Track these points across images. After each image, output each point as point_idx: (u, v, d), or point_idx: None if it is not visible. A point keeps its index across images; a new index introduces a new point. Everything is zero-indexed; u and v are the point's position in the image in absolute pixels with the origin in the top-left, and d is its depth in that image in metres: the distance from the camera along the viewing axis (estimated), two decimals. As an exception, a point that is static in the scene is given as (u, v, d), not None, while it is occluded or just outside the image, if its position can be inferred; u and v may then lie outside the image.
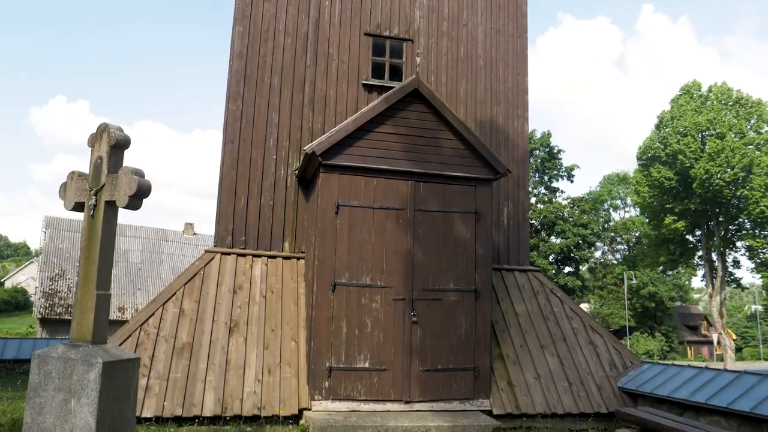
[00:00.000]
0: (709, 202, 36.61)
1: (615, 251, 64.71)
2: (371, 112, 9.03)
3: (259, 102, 10.57)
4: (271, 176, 10.43)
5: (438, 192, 9.11)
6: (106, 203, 5.08)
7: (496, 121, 11.71)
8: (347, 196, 8.76)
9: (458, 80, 11.66)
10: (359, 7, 11.40)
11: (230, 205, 10.19)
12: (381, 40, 11.39)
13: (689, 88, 39.12)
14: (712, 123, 35.91)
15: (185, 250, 42.65)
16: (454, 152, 9.26)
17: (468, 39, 11.91)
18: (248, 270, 9.80)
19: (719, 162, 33.92)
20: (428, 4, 11.80)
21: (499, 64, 12.00)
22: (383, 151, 8.95)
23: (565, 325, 10.44)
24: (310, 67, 10.92)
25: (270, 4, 10.94)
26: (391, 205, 8.88)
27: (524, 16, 12.38)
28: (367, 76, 11.14)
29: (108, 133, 5.21)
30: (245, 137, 10.42)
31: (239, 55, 10.62)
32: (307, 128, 10.71)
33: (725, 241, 38.06)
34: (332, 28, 11.19)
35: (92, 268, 5.05)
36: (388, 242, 8.79)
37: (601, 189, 62.30)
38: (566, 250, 42.08)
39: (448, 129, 9.28)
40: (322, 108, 10.84)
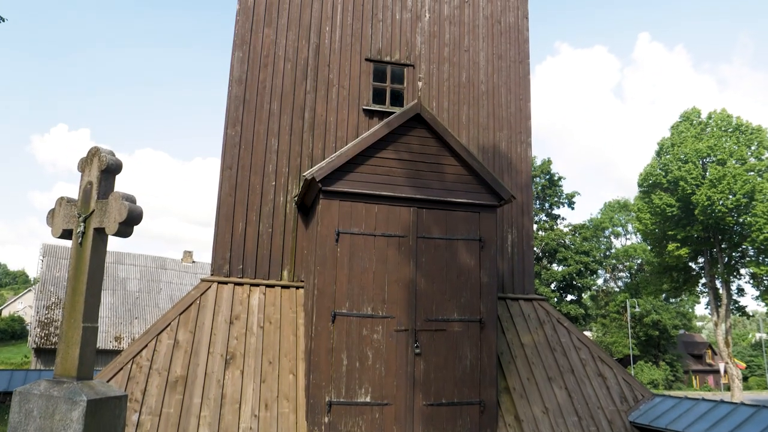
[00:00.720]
0: (712, 229, 36.35)
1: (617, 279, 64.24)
2: (372, 138, 8.85)
3: (258, 128, 10.40)
4: (270, 203, 10.21)
5: (441, 219, 8.87)
6: (95, 230, 4.85)
7: (498, 147, 11.53)
8: (348, 223, 8.52)
9: (460, 106, 11.52)
10: (360, 32, 11.32)
11: (228, 232, 9.94)
12: (382, 66, 11.28)
13: (689, 114, 39.18)
14: (713, 149, 35.86)
15: (184, 279, 42.28)
16: (457, 178, 9.05)
17: (470, 64, 11.81)
18: (246, 299, 9.51)
19: (721, 188, 33.77)
20: (429, 30, 11.73)
21: (502, 90, 11.88)
22: (385, 177, 8.73)
23: (573, 357, 10.10)
24: (310, 92, 10.79)
25: (270, 30, 10.86)
26: (392, 232, 8.63)
27: (526, 41, 12.30)
28: (368, 101, 11.00)
29: (99, 158, 5.00)
30: (244, 163, 10.22)
31: (238, 81, 10.49)
32: (306, 154, 10.53)
33: (729, 268, 37.69)
34: (333, 53, 11.09)
35: (79, 299, 4.79)
36: (389, 271, 8.52)
37: (602, 216, 62.11)
38: (568, 278, 41.69)
39: (451, 154, 9.08)
40: (323, 134, 10.67)
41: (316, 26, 11.12)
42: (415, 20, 11.71)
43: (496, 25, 12.23)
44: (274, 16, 10.94)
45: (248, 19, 10.79)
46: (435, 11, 11.89)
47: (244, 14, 10.78)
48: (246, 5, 10.83)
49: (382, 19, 11.52)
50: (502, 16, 12.32)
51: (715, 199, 33.90)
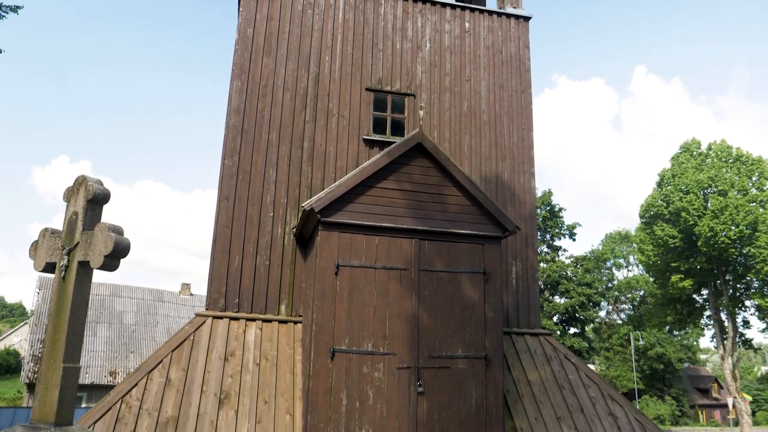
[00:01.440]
0: (716, 261, 35.97)
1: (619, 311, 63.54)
2: (373, 167, 8.62)
3: (256, 158, 10.19)
4: (268, 235, 9.93)
5: (444, 251, 8.58)
6: (79, 264, 4.57)
7: (501, 177, 11.31)
8: (347, 255, 8.23)
9: (462, 135, 11.34)
10: (360, 62, 11.20)
11: (224, 265, 9.64)
12: (382, 95, 11.13)
13: (689, 145, 39.16)
14: (714, 180, 35.71)
15: (181, 312, 41.70)
16: (460, 209, 8.79)
17: (471, 94, 11.67)
18: (241, 335, 9.15)
19: (723, 219, 33.51)
20: (430, 60, 11.62)
21: (504, 119, 11.72)
22: (385, 208, 8.48)
23: (582, 394, 9.69)
24: (309, 122, 10.61)
25: (269, 60, 10.74)
26: (394, 264, 8.33)
27: (527, 71, 12.19)
28: (368, 131, 10.82)
29: (85, 187, 4.74)
30: (241, 194, 9.98)
31: (236, 110, 10.32)
32: (305, 185, 10.29)
33: (734, 300, 37.17)
34: (332, 83, 10.95)
35: (60, 336, 4.49)
36: (391, 305, 8.19)
37: (603, 247, 61.74)
38: (571, 310, 41.14)
39: (454, 184, 8.84)
40: (322, 164, 10.45)
41: (316, 56, 11.01)
42: (416, 50, 11.62)
43: (497, 54, 12.14)
44: (273, 46, 10.83)
45: (247, 48, 10.68)
46: (435, 41, 11.80)
47: (243, 44, 10.68)
48: (245, 35, 10.74)
49: (383, 48, 11.43)
50: (503, 46, 12.24)
51: (717, 230, 33.62)
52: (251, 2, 10.96)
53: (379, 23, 11.58)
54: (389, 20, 11.67)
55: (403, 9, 11.84)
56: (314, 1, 11.32)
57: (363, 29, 11.45)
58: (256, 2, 10.98)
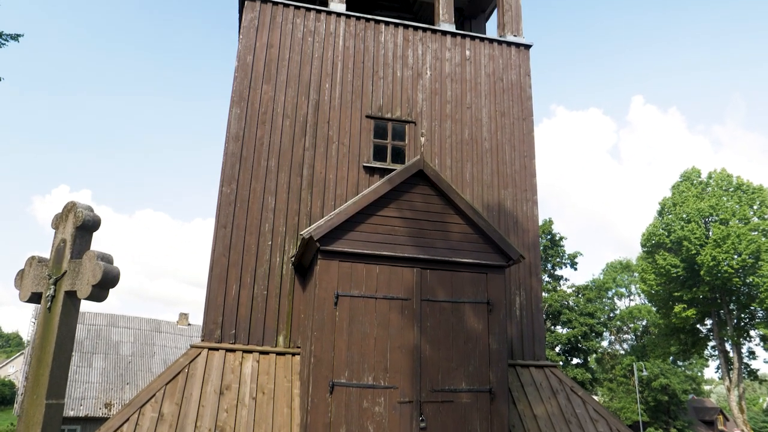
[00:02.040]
0: (719, 290, 35.62)
1: (622, 341, 62.80)
2: (373, 195, 8.45)
3: (255, 185, 10.03)
4: (266, 264, 9.70)
5: (446, 280, 8.36)
6: (65, 294, 4.36)
7: (504, 205, 11.14)
8: (347, 285, 8.00)
9: (463, 163, 11.20)
10: (360, 89, 11.13)
11: (220, 294, 9.39)
12: (383, 123, 11.03)
13: (689, 174, 39.15)
14: (715, 209, 35.58)
15: (179, 342, 41.13)
16: (462, 237, 8.59)
17: (472, 121, 11.57)
18: (237, 367, 8.86)
19: (726, 248, 33.27)
20: (431, 87, 11.56)
21: (506, 147, 11.60)
22: (386, 236, 8.28)
23: (590, 430, 9.34)
24: (309, 149, 10.49)
25: (269, 87, 10.66)
26: (395, 294, 8.09)
27: (529, 98, 12.12)
28: (368, 158, 10.68)
29: (74, 213, 4.56)
30: (239, 222, 9.79)
31: (235, 137, 10.20)
32: (305, 213, 10.11)
33: (738, 330, 36.71)
34: (332, 110, 10.86)
35: (44, 371, 4.25)
36: (392, 336, 7.93)
37: (604, 277, 61.31)
38: (573, 341, 40.60)
39: (456, 212, 8.66)
40: (321, 191, 10.29)
41: (316, 83, 10.94)
42: (416, 77, 11.56)
43: (498, 82, 12.08)
44: (273, 73, 10.77)
45: (247, 75, 10.61)
46: (436, 69, 11.76)
47: (242, 71, 10.62)
48: (245, 62, 10.68)
49: (383, 76, 11.37)
50: (504, 73, 12.19)
51: (720, 259, 33.36)
52: (251, 30, 10.94)
53: (380, 51, 11.55)
54: (390, 48, 11.64)
55: (404, 37, 11.82)
56: (314, 29, 11.31)
57: (363, 57, 11.41)
58: (256, 30, 10.95)
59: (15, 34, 12.40)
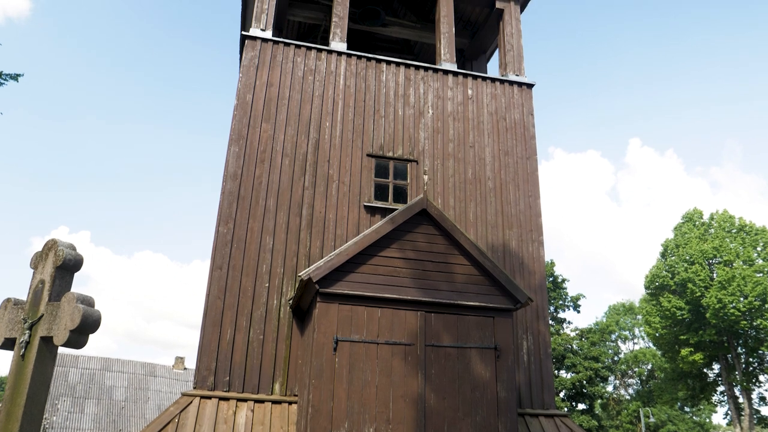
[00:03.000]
0: (726, 333, 34.92)
1: (627, 386, 61.46)
2: (375, 235, 8.14)
3: (252, 225, 9.73)
4: (263, 306, 9.31)
5: (451, 324, 7.96)
6: (41, 339, 3.99)
7: (509, 246, 10.81)
8: (347, 329, 7.60)
9: (467, 203, 10.93)
10: (361, 128, 10.95)
11: (214, 339, 8.97)
12: (384, 161, 10.81)
13: (691, 215, 38.95)
14: (719, 251, 35.22)
15: (174, 387, 40.15)
16: (467, 279, 8.24)
17: (475, 160, 11.36)
18: (231, 417, 8.37)
19: (731, 290, 32.76)
20: (433, 126, 11.39)
21: (510, 186, 11.35)
22: (388, 278, 7.93)
23: (605, 484, 8.78)
24: (308, 188, 10.23)
25: (268, 125, 10.48)
26: (398, 339, 7.69)
27: (532, 138, 11.94)
28: (369, 197, 10.41)
29: (55, 252, 4.23)
30: (235, 263, 9.44)
31: (233, 176, 9.95)
32: (303, 253, 9.78)
33: (747, 375, 35.84)
34: (333, 149, 10.65)
35: (13, 426, 3.85)
36: (395, 384, 7.49)
37: (607, 319, 60.47)
38: (578, 386, 39.62)
39: (461, 253, 8.33)
40: (321, 231, 9.98)
41: (316, 121, 10.77)
42: (418, 116, 11.40)
43: (501, 121, 11.92)
44: (272, 111, 10.61)
45: (246, 114, 10.45)
46: (438, 107, 11.61)
47: (242, 109, 10.46)
48: (244, 101, 10.53)
49: (384, 115, 11.21)
50: (507, 112, 12.05)
51: (726, 301, 32.81)
52: (251, 69, 10.83)
53: (381, 90, 11.42)
54: (391, 87, 11.52)
55: (405, 76, 11.72)
56: (315, 68, 11.20)
57: (364, 95, 11.28)
58: (257, 68, 10.84)
59: (15, 74, 12.32)
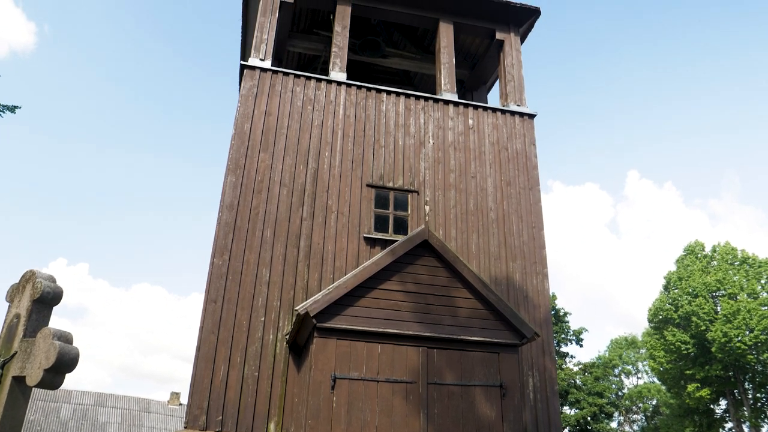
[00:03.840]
0: (733, 368, 34.25)
1: (632, 422, 60.21)
2: (375, 267, 7.86)
3: (249, 256, 9.45)
4: (258, 342, 8.96)
5: (455, 360, 7.62)
6: (13, 379, 3.69)
7: (512, 279, 10.50)
8: (346, 366, 7.26)
9: (469, 234, 10.66)
10: (361, 158, 10.76)
11: (207, 376, 8.60)
12: (384, 192, 10.58)
13: (692, 247, 38.63)
14: (722, 283, 34.81)
15: (169, 423, 39.20)
16: (471, 312, 7.92)
17: (477, 191, 11.14)
18: (223, 459, 7.95)
19: (737, 324, 32.24)
20: (434, 156, 11.20)
21: (512, 217, 11.10)
22: (389, 312, 7.61)
23: None
24: (306, 219, 9.98)
25: (266, 155, 10.28)
26: (399, 377, 7.33)
27: (535, 168, 11.75)
28: (369, 229, 10.15)
29: (33, 284, 3.96)
30: (230, 296, 9.13)
31: (229, 207, 9.71)
32: (301, 286, 9.47)
33: (756, 411, 35.03)
34: (332, 179, 10.44)
35: (-21, 476, 3.51)
36: (395, 425, 7.10)
37: (610, 353, 59.56)
38: (582, 423, 38.69)
39: (464, 286, 8.03)
40: (319, 263, 9.69)
41: (315, 151, 10.58)
42: (419, 146, 11.23)
43: (503, 151, 11.74)
44: (270, 141, 10.43)
45: (244, 143, 10.27)
46: (439, 137, 11.45)
47: (239, 139, 10.28)
48: (242, 130, 10.36)
49: (384, 144, 11.03)
50: (509, 142, 11.88)
51: (732, 335, 32.25)
52: (249, 98, 10.69)
53: (381, 119, 11.28)
54: (391, 117, 11.38)
55: (405, 106, 11.59)
56: (314, 97, 11.07)
57: (364, 125, 11.12)
58: (255, 98, 10.71)
59: (12, 106, 12.21)
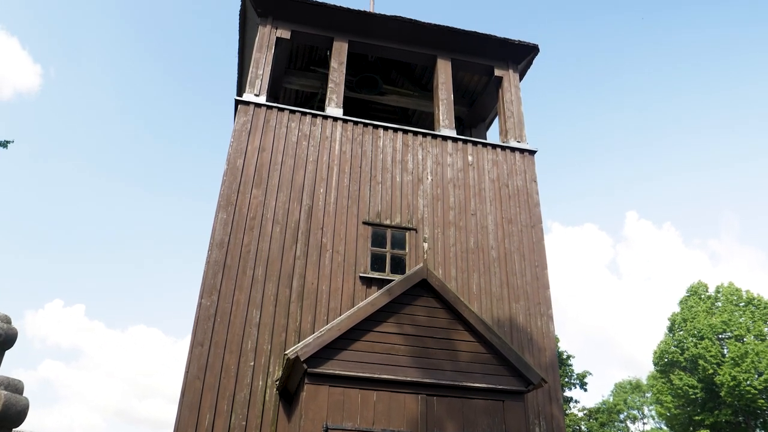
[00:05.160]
0: (743, 413, 33.21)
1: (639, 469, 58.28)
2: (370, 308, 7.41)
3: (239, 296, 8.99)
4: (246, 388, 8.42)
5: (456, 409, 7.08)
6: (-47, 438, 3.23)
7: (516, 320, 10.02)
8: (339, 415, 6.73)
9: (469, 273, 10.23)
10: (357, 194, 10.41)
11: (191, 425, 8.03)
12: (381, 230, 10.19)
13: (696, 288, 38.02)
14: (728, 325, 34.08)
15: (159, 472, 37.83)
16: (473, 357, 7.43)
17: (478, 229, 10.75)
18: None
19: (745, 367, 31.39)
20: (432, 193, 10.85)
21: (515, 256, 10.68)
22: (385, 356, 7.13)
23: None
24: (300, 258, 9.56)
25: (258, 191, 9.93)
26: (396, 427, 6.79)
27: (536, 205, 11.39)
28: (365, 268, 9.73)
29: (-17, 328, 3.54)
30: (218, 339, 8.63)
31: (220, 244, 9.30)
32: (293, 328, 8.98)
33: (769, 458, 33.83)
34: (327, 216, 10.06)
35: None
36: (392, 481, 6.54)
37: (614, 398, 58.12)
38: (589, 471, 37.31)
39: (465, 328, 7.56)
40: (313, 304, 9.22)
41: (310, 187, 10.24)
42: (417, 183, 10.90)
43: (504, 188, 11.41)
44: (264, 177, 10.10)
45: (236, 179, 9.94)
46: (437, 174, 11.13)
47: (231, 174, 9.96)
48: (234, 166, 10.05)
49: (382, 181, 10.70)
50: (509, 179, 11.56)
51: (740, 379, 31.37)
52: (243, 133, 10.41)
53: (378, 155, 10.98)
54: (388, 152, 11.09)
55: (403, 142, 11.31)
56: (310, 133, 10.80)
57: (361, 161, 10.82)
58: (249, 133, 10.43)
59: (4, 141, 11.99)
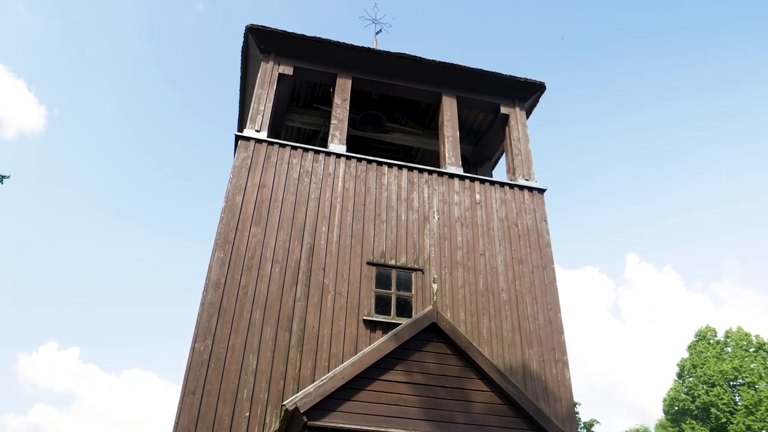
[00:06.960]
0: (759, 464, 31.95)
1: None
2: (376, 354, 6.87)
3: (234, 341, 8.43)
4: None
5: (470, 467, 6.46)
6: None
7: (529, 367, 9.42)
8: (342, 474, 6.11)
9: (479, 317, 9.68)
10: (361, 233, 9.96)
11: (180, 484, 7.37)
12: (386, 270, 9.70)
13: (704, 333, 37.15)
14: (740, 371, 33.12)
15: None
16: (487, 408, 6.84)
17: (487, 270, 10.26)
18: None
19: (760, 416, 30.29)
20: (439, 232, 10.40)
21: (526, 298, 10.15)
22: (393, 408, 6.54)
23: None
24: (300, 300, 9.03)
25: (258, 229, 9.49)
26: (404, 488, 6.17)
27: (548, 245, 10.92)
28: (369, 311, 9.19)
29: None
30: (211, 387, 8.03)
31: (215, 285, 8.80)
32: (292, 376, 8.39)
33: None
34: (329, 255, 9.58)
35: None
36: None
37: (623, 447, 56.29)
38: None
39: (479, 377, 7.00)
40: (314, 350, 8.65)
41: (311, 226, 9.80)
42: (423, 221, 10.46)
43: (513, 227, 10.97)
44: (263, 214, 9.67)
45: (234, 217, 9.51)
46: (444, 212, 10.71)
47: (230, 212, 9.53)
48: (233, 202, 9.64)
49: (386, 219, 10.27)
50: (519, 218, 11.13)
51: (755, 429, 30.25)
52: (243, 169, 10.04)
53: (383, 193, 10.58)
54: (393, 190, 10.69)
55: (408, 179, 10.93)
56: (312, 169, 10.43)
57: (365, 199, 10.41)
58: (249, 169, 10.06)
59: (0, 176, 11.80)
